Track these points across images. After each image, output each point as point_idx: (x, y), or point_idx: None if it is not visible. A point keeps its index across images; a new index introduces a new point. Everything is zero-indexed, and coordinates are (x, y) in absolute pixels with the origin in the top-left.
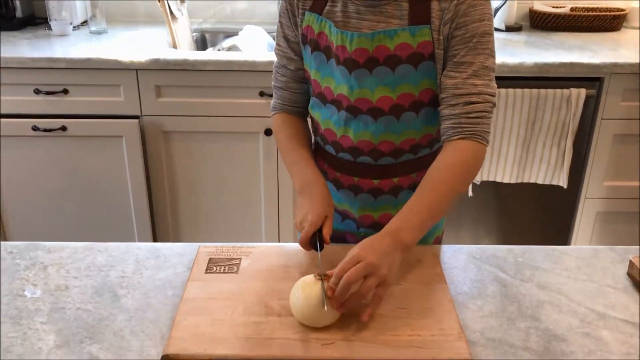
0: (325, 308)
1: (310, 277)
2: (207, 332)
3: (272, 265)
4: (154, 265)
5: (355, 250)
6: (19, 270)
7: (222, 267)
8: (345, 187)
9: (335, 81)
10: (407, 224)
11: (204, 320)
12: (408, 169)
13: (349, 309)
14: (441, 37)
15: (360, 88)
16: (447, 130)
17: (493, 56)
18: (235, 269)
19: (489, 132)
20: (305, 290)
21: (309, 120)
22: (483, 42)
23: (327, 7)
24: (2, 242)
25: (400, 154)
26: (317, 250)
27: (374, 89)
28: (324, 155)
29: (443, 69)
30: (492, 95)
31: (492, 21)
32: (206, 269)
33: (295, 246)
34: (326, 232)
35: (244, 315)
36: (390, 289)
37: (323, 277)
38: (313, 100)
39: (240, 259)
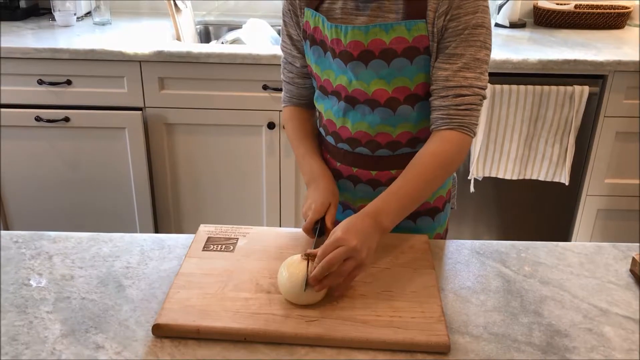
0: (305, 288)
1: (297, 257)
2: (197, 305)
3: (267, 246)
4: (158, 256)
5: (338, 232)
6: (24, 259)
7: (219, 246)
8: (345, 177)
9: (334, 73)
10: (387, 207)
11: (196, 294)
12: (406, 162)
13: (325, 287)
14: (435, 30)
15: (357, 80)
16: (435, 120)
17: (486, 48)
18: (232, 248)
19: (476, 125)
20: (290, 269)
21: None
22: (475, 34)
23: (326, 4)
24: (8, 232)
25: (397, 147)
26: (318, 237)
27: (369, 81)
28: (326, 145)
29: (435, 60)
30: (482, 88)
31: (487, 13)
32: (204, 247)
33: (291, 229)
34: (328, 220)
35: (234, 291)
36: (365, 269)
37: (309, 258)
38: (317, 92)
39: (238, 239)
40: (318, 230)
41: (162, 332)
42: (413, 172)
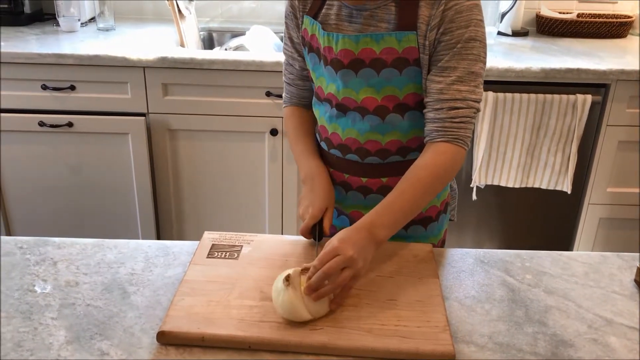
0: (305, 302)
1: (280, 283)
2: (202, 312)
3: (271, 254)
4: (163, 263)
5: (334, 242)
6: (29, 265)
7: (224, 253)
8: (337, 183)
9: (325, 81)
10: (381, 220)
11: (200, 301)
12: (396, 171)
13: (322, 296)
14: (427, 43)
15: (346, 88)
16: (430, 133)
17: (481, 61)
18: (236, 255)
19: (470, 137)
20: (279, 297)
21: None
22: (468, 48)
23: (323, 11)
24: (13, 237)
25: (386, 155)
26: (316, 240)
27: (359, 89)
28: (320, 150)
29: (428, 73)
30: (477, 101)
31: (480, 27)
32: (208, 254)
33: (295, 237)
34: (326, 224)
35: (239, 298)
36: (359, 280)
37: (301, 270)
38: (313, 97)
39: (242, 246)
40: (317, 234)
41: (167, 340)
42: (406, 184)
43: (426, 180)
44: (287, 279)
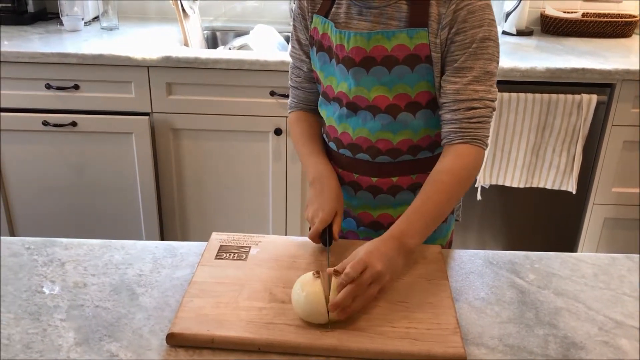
0: (328, 306)
1: (309, 275)
2: (211, 314)
3: (280, 255)
4: (171, 264)
5: (362, 254)
6: (36, 266)
7: (232, 254)
8: (346, 183)
9: (336, 80)
10: (411, 227)
11: (209, 303)
12: (407, 170)
13: (349, 314)
14: (438, 41)
15: (357, 86)
16: (448, 134)
17: (495, 60)
18: (244, 256)
19: (488, 137)
20: (306, 288)
21: None
22: (482, 47)
23: (332, 9)
24: (20, 238)
25: (397, 154)
26: (325, 245)
27: (370, 87)
28: (329, 151)
29: (442, 73)
30: (493, 100)
31: (493, 26)
32: (216, 255)
33: (304, 238)
34: (335, 230)
35: (248, 300)
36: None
37: (334, 273)
38: (320, 98)
39: (250, 247)
40: (327, 239)
41: (176, 342)
42: (433, 189)
43: (451, 184)
44: (318, 272)
